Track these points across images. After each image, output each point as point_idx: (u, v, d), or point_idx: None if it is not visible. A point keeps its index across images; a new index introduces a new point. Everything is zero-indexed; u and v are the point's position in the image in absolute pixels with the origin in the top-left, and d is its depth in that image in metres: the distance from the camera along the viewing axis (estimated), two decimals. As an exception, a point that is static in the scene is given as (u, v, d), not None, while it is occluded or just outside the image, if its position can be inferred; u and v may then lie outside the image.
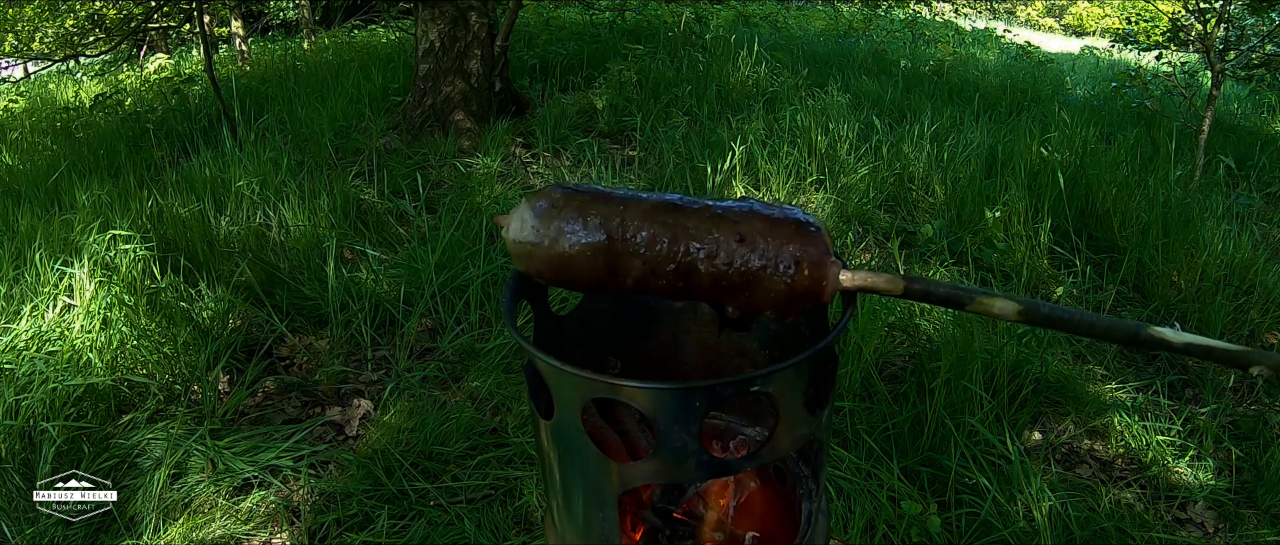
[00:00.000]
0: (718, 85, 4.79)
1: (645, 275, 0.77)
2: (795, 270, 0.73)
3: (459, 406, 2.26)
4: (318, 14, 8.59)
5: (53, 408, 2.08)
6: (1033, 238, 3.11)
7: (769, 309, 0.76)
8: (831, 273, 0.74)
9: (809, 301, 0.75)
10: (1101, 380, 2.51)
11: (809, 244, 0.74)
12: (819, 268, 0.74)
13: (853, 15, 9.03)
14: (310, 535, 1.90)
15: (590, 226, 0.77)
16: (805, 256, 0.73)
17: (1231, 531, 2.01)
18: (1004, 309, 0.71)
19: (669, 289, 0.78)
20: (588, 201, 0.78)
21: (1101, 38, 16.40)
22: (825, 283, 0.74)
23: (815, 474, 1.01)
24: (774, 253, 0.74)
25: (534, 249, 0.79)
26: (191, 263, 2.79)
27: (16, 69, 8.43)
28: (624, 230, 0.76)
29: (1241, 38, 5.10)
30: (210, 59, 4.47)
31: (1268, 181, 4.21)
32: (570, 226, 0.77)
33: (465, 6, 4.12)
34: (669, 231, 0.76)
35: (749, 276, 0.75)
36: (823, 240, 0.74)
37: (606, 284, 0.79)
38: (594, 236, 0.76)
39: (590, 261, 0.77)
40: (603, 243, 0.77)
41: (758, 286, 0.75)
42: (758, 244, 0.74)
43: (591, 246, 0.77)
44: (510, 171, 3.76)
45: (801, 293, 0.74)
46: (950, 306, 0.75)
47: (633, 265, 0.77)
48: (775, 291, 0.74)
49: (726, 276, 0.75)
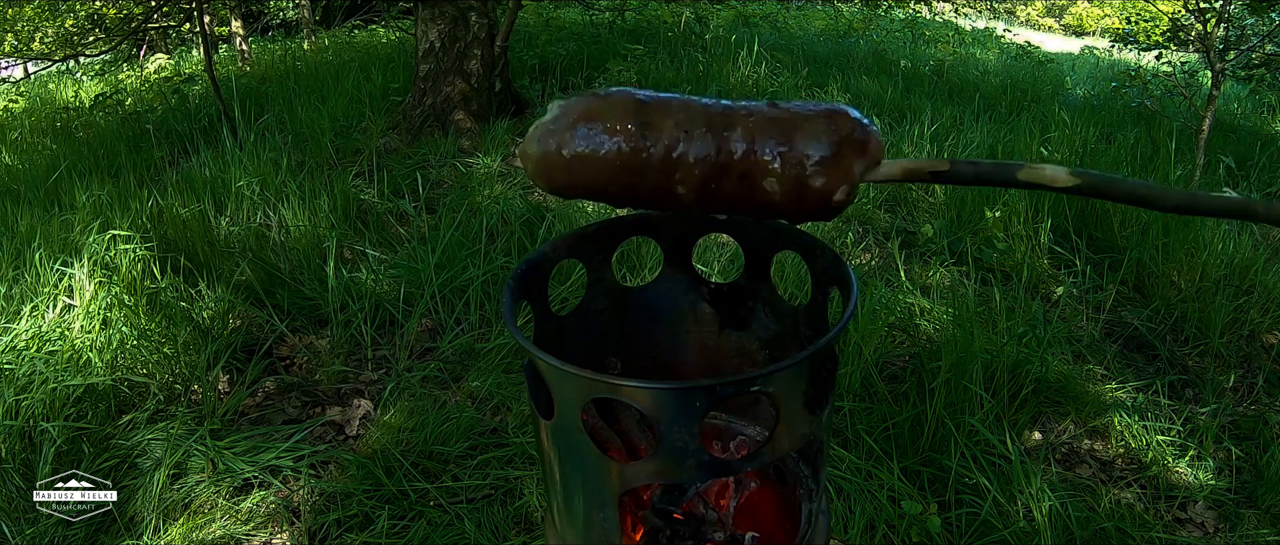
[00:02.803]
0: (717, 85, 4.79)
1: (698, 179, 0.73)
2: (833, 152, 0.71)
3: (459, 406, 2.26)
4: (318, 14, 8.58)
5: (53, 408, 2.08)
6: (1033, 237, 3.11)
7: (792, 206, 0.73)
8: (872, 138, 0.72)
9: (853, 164, 0.72)
10: (1101, 380, 2.51)
11: (840, 122, 0.72)
12: (856, 143, 0.71)
13: (853, 15, 9.02)
14: (310, 535, 1.90)
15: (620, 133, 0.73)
16: (841, 132, 0.72)
17: (1231, 531, 2.01)
18: (1055, 175, 0.68)
19: (696, 197, 0.75)
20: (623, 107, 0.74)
21: (1101, 38, 16.40)
22: (869, 147, 0.71)
23: (815, 474, 1.01)
24: (812, 138, 0.72)
25: (549, 157, 0.75)
26: (191, 263, 2.79)
27: (16, 69, 8.42)
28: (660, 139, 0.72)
29: (1241, 38, 5.10)
30: (210, 59, 4.47)
31: (1268, 181, 4.21)
32: (587, 128, 0.74)
33: (465, 6, 4.12)
34: (708, 136, 0.73)
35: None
36: (850, 117, 0.73)
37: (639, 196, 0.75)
38: (617, 145, 0.73)
39: (615, 173, 0.74)
40: (627, 152, 0.73)
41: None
42: (796, 138, 0.72)
43: (616, 154, 0.73)
44: (510, 171, 3.76)
45: (845, 169, 0.72)
46: (999, 183, 0.72)
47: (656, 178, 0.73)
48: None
49: (769, 168, 0.72)
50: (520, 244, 2.99)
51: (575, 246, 1.02)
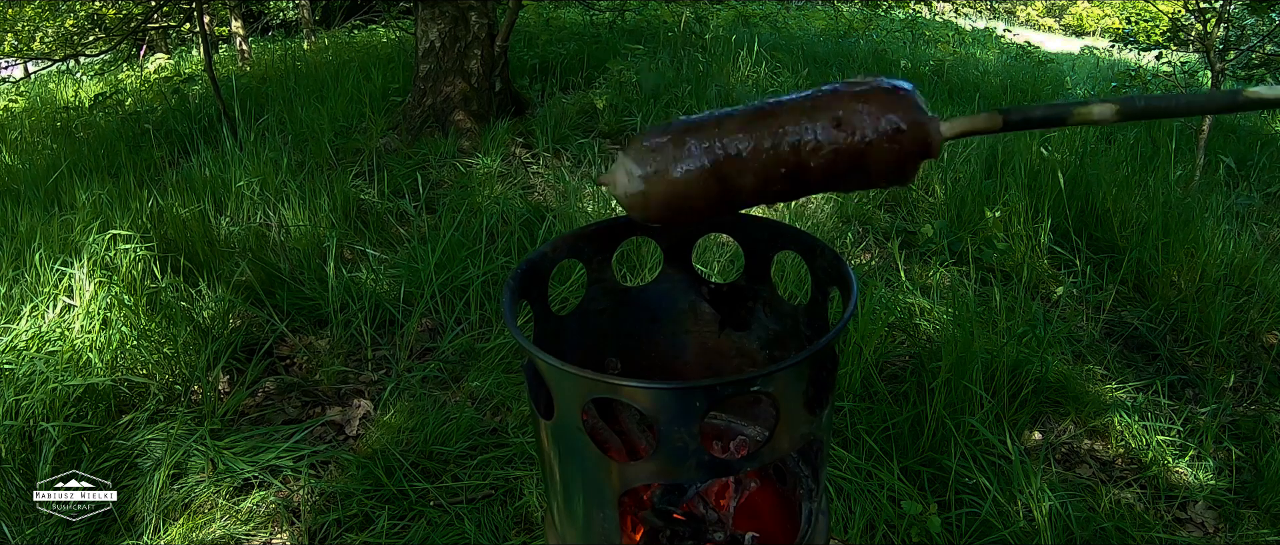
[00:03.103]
0: (718, 85, 4.79)
1: (759, 185, 0.78)
2: (898, 135, 0.74)
3: (459, 406, 2.26)
4: (318, 14, 8.58)
5: (53, 408, 2.08)
6: (1033, 237, 3.11)
7: (883, 181, 0.77)
8: (933, 128, 0.75)
9: (918, 160, 0.76)
10: (1101, 380, 2.51)
11: (903, 107, 0.74)
12: (920, 128, 0.74)
13: (853, 15, 9.03)
14: (310, 535, 1.90)
15: (694, 155, 0.77)
16: (904, 119, 0.74)
17: (1231, 531, 2.01)
18: (1103, 113, 0.72)
19: (785, 192, 0.79)
20: (681, 134, 0.78)
21: (1101, 38, 16.40)
22: (930, 140, 0.75)
23: (815, 474, 1.01)
24: (873, 126, 0.74)
25: (647, 195, 0.79)
26: (191, 263, 2.79)
27: (16, 69, 8.42)
28: (726, 149, 0.77)
29: (1241, 38, 5.10)
30: (210, 59, 4.47)
31: (1268, 181, 4.21)
32: (675, 166, 0.77)
33: (465, 6, 4.12)
34: (769, 136, 0.76)
35: (857, 157, 0.75)
36: (914, 99, 0.75)
37: (724, 205, 0.80)
38: (700, 163, 0.77)
39: (703, 188, 0.78)
40: (710, 167, 0.77)
41: (868, 162, 0.76)
42: (855, 124, 0.75)
43: (701, 173, 0.77)
44: (510, 171, 3.76)
45: (911, 154, 0.75)
46: (1052, 126, 0.75)
47: (745, 180, 0.77)
48: (886, 162, 0.75)
49: (835, 164, 0.76)
50: (520, 244, 2.99)
51: (575, 246, 1.02)
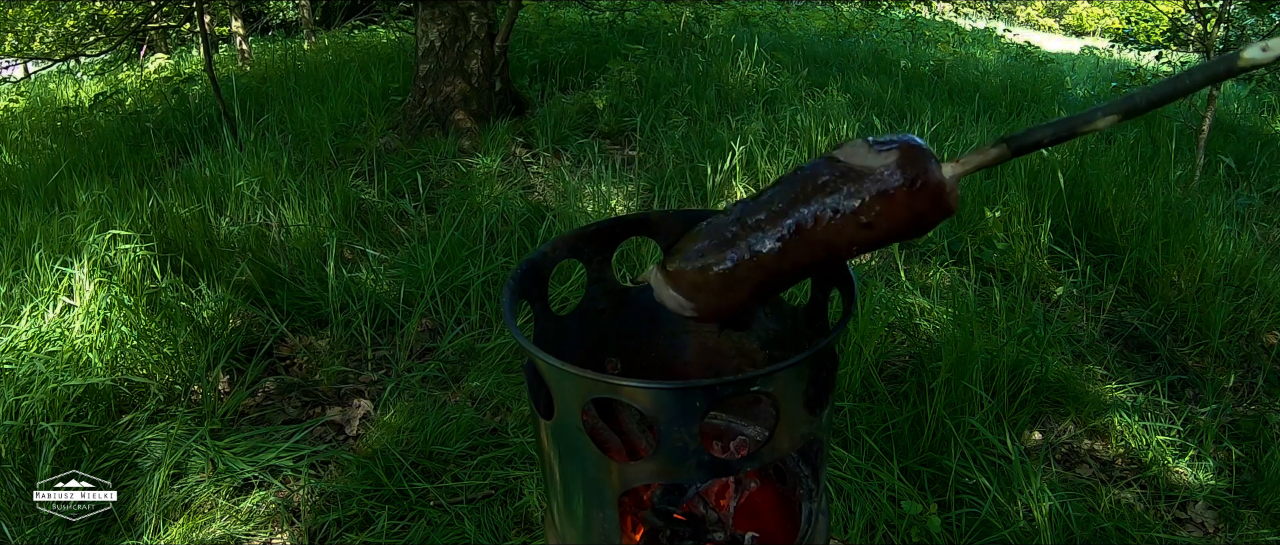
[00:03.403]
0: (717, 85, 4.79)
1: (794, 271, 0.81)
2: (912, 200, 0.76)
3: (459, 406, 2.26)
4: (318, 14, 8.58)
5: (53, 408, 2.08)
6: (1033, 237, 3.11)
7: (908, 237, 0.80)
8: (945, 182, 0.76)
9: (939, 213, 0.77)
10: (1101, 380, 2.51)
11: (911, 170, 0.75)
12: (932, 188, 0.76)
13: (853, 15, 9.03)
14: (310, 535, 1.90)
15: (725, 280, 0.82)
16: (916, 181, 0.75)
17: (1231, 531, 2.01)
18: (1108, 121, 0.73)
19: (821, 268, 0.82)
20: (719, 249, 0.82)
21: (1101, 38, 16.39)
22: (944, 197, 0.76)
23: (815, 474, 1.01)
24: (888, 198, 0.76)
25: (699, 313, 0.86)
26: (191, 263, 2.79)
27: (16, 69, 8.43)
28: (758, 260, 0.80)
29: (1241, 38, 5.10)
30: (210, 59, 4.47)
31: (1268, 181, 4.21)
32: (720, 296, 0.83)
33: (465, 6, 4.12)
34: (796, 240, 0.79)
35: (882, 230, 0.77)
36: (918, 159, 0.76)
37: (768, 294, 0.84)
38: (733, 273, 0.81)
39: (748, 292, 0.83)
40: (746, 276, 0.81)
41: (892, 230, 0.78)
42: (873, 206, 0.76)
43: (743, 282, 0.82)
44: (510, 171, 3.76)
45: (927, 211, 0.77)
46: (1061, 142, 0.76)
47: (781, 280, 0.82)
48: (907, 224, 0.77)
49: (863, 239, 0.78)
50: (520, 244, 2.99)
51: (575, 246, 1.02)
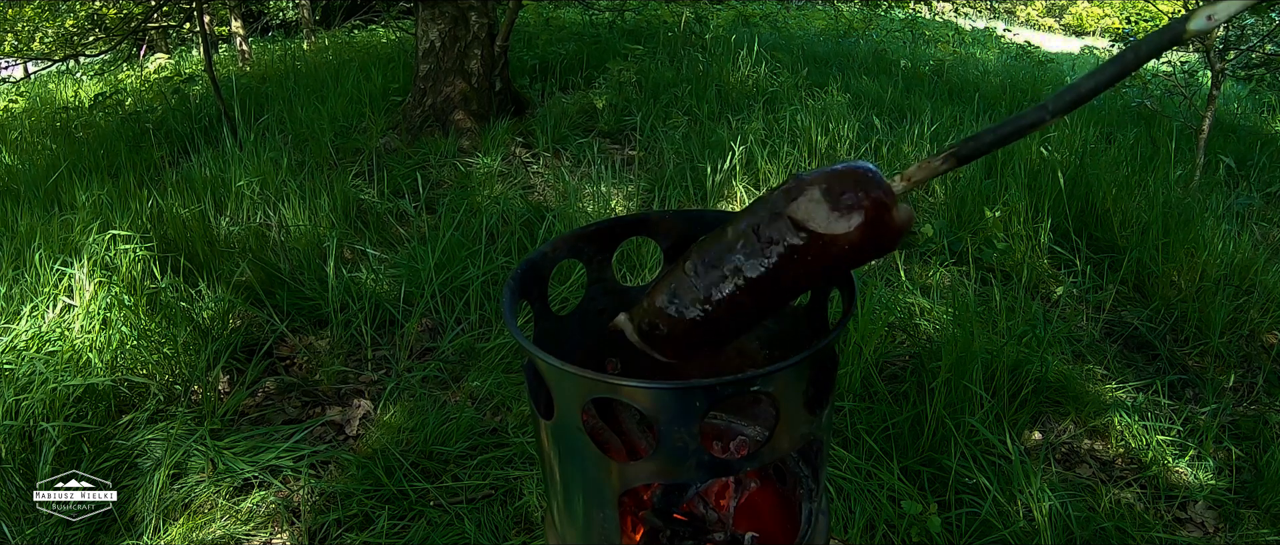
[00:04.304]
0: (717, 85, 4.79)
1: (755, 309, 0.80)
2: (858, 228, 0.73)
3: (459, 406, 2.26)
4: (318, 14, 8.58)
5: (53, 408, 2.08)
6: (1033, 237, 3.11)
7: (865, 261, 0.77)
8: (907, 224, 0.74)
9: (890, 235, 0.75)
10: (1101, 380, 2.51)
11: (876, 230, 0.73)
12: (894, 234, 0.74)
13: (853, 15, 9.03)
14: (310, 535, 1.90)
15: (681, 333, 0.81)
16: (882, 240, 0.74)
17: (1231, 531, 2.01)
18: (1056, 114, 0.71)
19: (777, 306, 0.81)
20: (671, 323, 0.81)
21: (1101, 37, 16.40)
22: (891, 220, 0.73)
23: (815, 474, 1.01)
24: (852, 253, 0.74)
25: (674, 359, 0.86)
26: (191, 263, 2.79)
27: (16, 69, 8.42)
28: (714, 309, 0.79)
29: (1241, 38, 5.10)
30: (210, 59, 4.47)
31: (1268, 181, 4.21)
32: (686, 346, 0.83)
33: (465, 6, 4.12)
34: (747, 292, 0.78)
35: (828, 262, 0.75)
36: (886, 221, 0.74)
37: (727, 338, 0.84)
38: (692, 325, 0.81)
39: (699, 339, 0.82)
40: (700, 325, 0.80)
41: (838, 260, 0.75)
42: (835, 262, 0.74)
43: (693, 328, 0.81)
44: (510, 171, 3.76)
45: (874, 237, 0.74)
46: (1011, 142, 0.74)
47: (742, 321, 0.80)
48: (854, 252, 0.75)
49: (808, 274, 0.76)
50: (520, 244, 2.99)
51: (575, 246, 1.02)
